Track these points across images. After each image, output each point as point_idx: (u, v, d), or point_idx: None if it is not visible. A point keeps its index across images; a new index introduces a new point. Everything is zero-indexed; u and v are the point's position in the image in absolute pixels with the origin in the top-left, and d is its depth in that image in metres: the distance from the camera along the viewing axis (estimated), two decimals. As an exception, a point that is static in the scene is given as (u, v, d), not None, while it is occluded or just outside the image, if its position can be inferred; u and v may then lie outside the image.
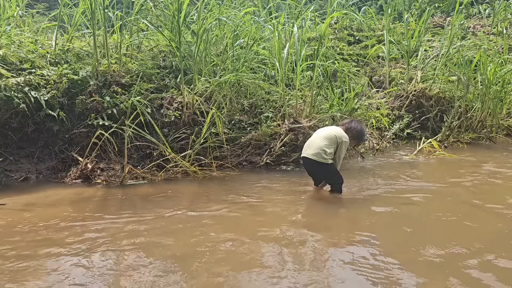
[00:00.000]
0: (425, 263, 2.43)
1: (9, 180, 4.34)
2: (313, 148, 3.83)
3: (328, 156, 3.76)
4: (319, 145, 3.79)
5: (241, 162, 5.00)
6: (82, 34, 6.71)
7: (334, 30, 9.20)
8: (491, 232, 2.92)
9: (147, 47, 6.06)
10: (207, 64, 5.56)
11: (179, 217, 3.30)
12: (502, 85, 6.94)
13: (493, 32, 9.17)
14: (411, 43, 7.31)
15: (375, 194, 3.93)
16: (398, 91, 7.25)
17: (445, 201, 3.75)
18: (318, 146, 3.79)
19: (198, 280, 2.25)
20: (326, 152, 3.75)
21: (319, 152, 3.76)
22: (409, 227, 3.02)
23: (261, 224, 3.12)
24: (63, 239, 2.79)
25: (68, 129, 4.75)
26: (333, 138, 3.80)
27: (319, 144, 3.80)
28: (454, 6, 8.71)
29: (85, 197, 3.85)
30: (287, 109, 5.34)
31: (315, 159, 3.78)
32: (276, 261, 2.47)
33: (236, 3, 7.18)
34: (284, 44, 5.58)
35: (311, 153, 3.81)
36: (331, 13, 7.34)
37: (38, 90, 4.58)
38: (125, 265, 2.42)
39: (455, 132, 6.53)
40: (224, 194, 3.93)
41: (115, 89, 4.88)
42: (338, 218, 3.44)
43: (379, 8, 12.49)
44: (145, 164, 4.64)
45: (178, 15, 4.78)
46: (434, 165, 5.20)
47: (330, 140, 3.80)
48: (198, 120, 4.99)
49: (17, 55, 4.86)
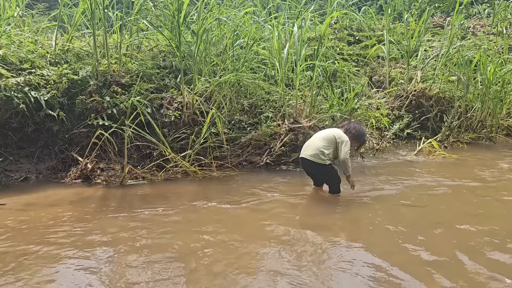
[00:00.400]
0: (425, 263, 2.43)
1: (9, 180, 4.34)
2: (311, 149, 3.85)
3: (326, 157, 3.77)
4: (317, 146, 3.81)
5: (241, 162, 5.01)
6: (82, 34, 6.71)
7: (334, 30, 9.20)
8: (492, 232, 2.92)
9: (147, 47, 6.06)
10: (207, 64, 5.56)
11: (179, 217, 3.31)
12: (502, 85, 6.94)
13: (493, 32, 9.17)
14: (411, 43, 7.31)
15: (375, 194, 3.93)
16: (398, 91, 7.25)
17: (446, 200, 3.75)
18: (316, 147, 3.81)
19: (198, 279, 2.25)
20: (324, 153, 3.77)
21: (317, 153, 3.78)
22: (409, 227, 3.02)
23: (261, 224, 3.12)
24: (63, 239, 2.79)
25: (68, 129, 4.75)
26: (332, 139, 3.81)
27: (317, 145, 3.82)
28: (454, 6, 8.70)
29: (85, 197, 3.85)
30: (287, 109, 5.34)
31: (312, 159, 3.80)
32: (275, 260, 2.47)
33: (236, 3, 7.18)
34: (284, 44, 5.58)
35: (309, 154, 3.83)
36: (331, 13, 7.34)
37: (38, 90, 4.58)
38: (125, 265, 2.42)
39: (455, 132, 6.53)
40: (224, 194, 3.93)
41: (115, 89, 4.88)
42: (338, 218, 3.44)
43: (379, 8, 12.48)
44: (145, 164, 4.64)
45: (178, 15, 4.78)
46: (434, 165, 5.20)
47: (328, 141, 3.81)
48: (198, 120, 4.99)
49: (17, 55, 4.86)
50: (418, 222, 3.16)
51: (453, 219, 3.21)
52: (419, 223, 3.14)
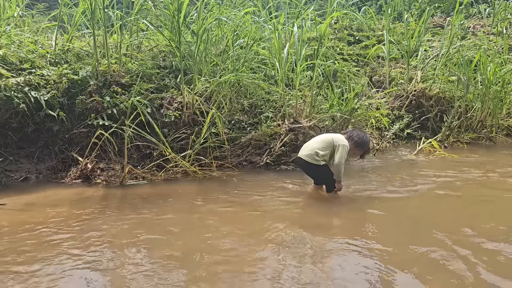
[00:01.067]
0: (426, 263, 2.43)
1: (9, 180, 4.34)
2: (307, 149, 3.92)
3: (320, 158, 3.82)
4: (313, 147, 3.88)
5: (241, 162, 5.00)
6: (82, 34, 6.71)
7: (334, 30, 9.20)
8: (493, 233, 2.91)
9: (147, 47, 6.05)
10: (207, 64, 5.56)
11: (179, 216, 3.31)
12: (502, 85, 6.94)
13: (493, 32, 9.17)
14: (411, 43, 7.31)
15: (375, 194, 3.93)
16: (398, 91, 7.25)
17: (446, 200, 3.74)
18: (312, 148, 3.88)
19: (198, 279, 2.25)
20: (319, 154, 3.82)
21: (311, 153, 3.84)
22: (409, 227, 3.02)
23: (261, 224, 3.12)
24: (62, 239, 2.79)
25: (68, 129, 4.75)
26: (330, 142, 3.85)
27: (313, 146, 3.89)
28: (454, 6, 8.70)
29: (85, 197, 3.85)
30: (287, 109, 5.34)
31: (307, 160, 3.86)
32: (276, 260, 2.47)
33: (236, 3, 7.18)
34: (284, 44, 5.58)
35: (305, 154, 3.91)
36: (331, 13, 7.34)
37: (38, 90, 4.57)
38: (125, 265, 2.42)
39: (455, 132, 6.53)
40: (224, 194, 3.93)
41: (115, 89, 4.88)
42: (337, 217, 3.44)
43: (379, 8, 12.49)
44: (145, 164, 4.64)
45: (178, 15, 4.78)
46: (434, 164, 5.20)
47: (325, 143, 3.86)
48: (198, 120, 4.99)
49: (17, 55, 4.86)
50: (418, 222, 3.16)
51: (453, 219, 3.21)
52: (420, 223, 3.14)
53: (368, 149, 4.09)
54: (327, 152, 3.83)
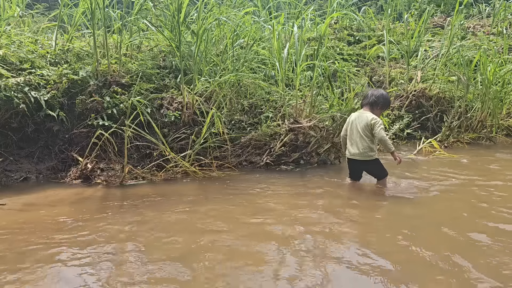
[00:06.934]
0: (427, 263, 2.43)
1: (9, 180, 4.34)
2: (355, 147, 3.99)
3: (374, 152, 3.94)
4: (363, 145, 3.94)
5: (241, 162, 5.01)
6: (82, 34, 6.71)
7: (334, 30, 9.20)
8: (494, 232, 2.91)
9: (147, 47, 6.05)
10: (207, 64, 5.56)
11: (179, 216, 3.31)
12: (502, 85, 6.94)
13: (493, 32, 9.17)
14: (411, 43, 7.31)
15: (375, 194, 3.93)
16: (398, 91, 7.25)
17: (447, 200, 3.74)
18: (362, 146, 3.94)
19: (198, 279, 2.25)
20: (373, 149, 3.93)
21: (364, 152, 3.94)
22: (410, 227, 3.02)
23: (261, 224, 3.12)
24: (62, 239, 2.79)
25: (68, 129, 4.75)
26: (368, 125, 3.92)
27: (362, 143, 3.94)
28: (454, 6, 8.70)
29: (85, 197, 3.85)
30: (287, 109, 5.34)
31: (361, 159, 3.96)
32: (276, 260, 2.47)
33: (236, 3, 7.18)
34: (284, 44, 5.58)
35: (356, 153, 3.99)
36: (331, 13, 7.34)
37: (38, 90, 4.58)
38: (125, 265, 2.42)
39: (455, 132, 6.53)
40: (224, 194, 3.93)
41: (115, 89, 4.88)
42: (337, 217, 3.44)
43: (379, 8, 12.47)
44: (145, 164, 4.64)
45: (178, 15, 4.78)
46: (434, 164, 5.20)
47: (367, 130, 3.93)
48: (198, 120, 4.99)
49: (17, 55, 4.86)
50: (418, 222, 3.16)
51: (454, 219, 3.21)
52: (420, 223, 3.14)
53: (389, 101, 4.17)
54: (373, 139, 3.93)
